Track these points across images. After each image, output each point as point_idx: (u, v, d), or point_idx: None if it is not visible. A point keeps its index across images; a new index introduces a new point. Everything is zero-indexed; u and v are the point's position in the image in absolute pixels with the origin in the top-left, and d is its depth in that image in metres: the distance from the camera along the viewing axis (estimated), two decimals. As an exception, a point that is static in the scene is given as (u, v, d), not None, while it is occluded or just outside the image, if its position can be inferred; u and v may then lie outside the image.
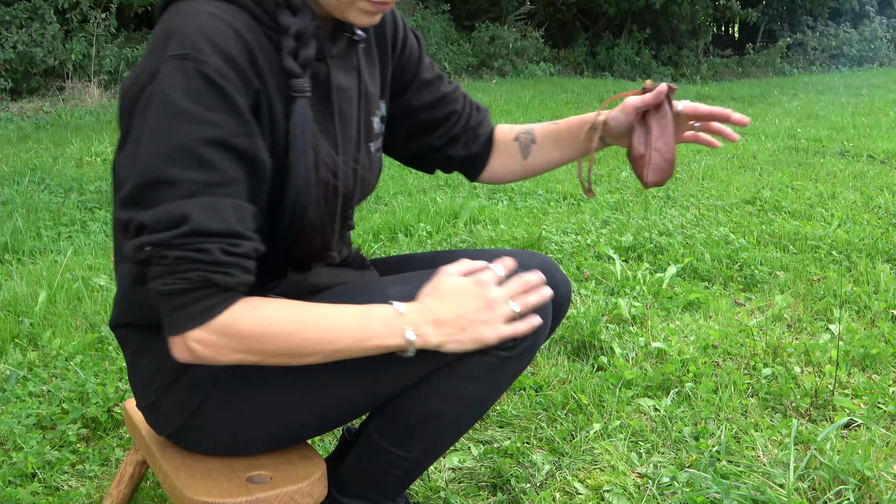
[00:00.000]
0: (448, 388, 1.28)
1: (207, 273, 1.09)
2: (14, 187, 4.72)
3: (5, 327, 2.62)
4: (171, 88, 1.09)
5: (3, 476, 1.84)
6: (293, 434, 1.39)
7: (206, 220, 1.08)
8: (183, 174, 1.08)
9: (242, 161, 1.14)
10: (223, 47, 1.11)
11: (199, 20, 1.12)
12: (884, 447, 1.97)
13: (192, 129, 1.09)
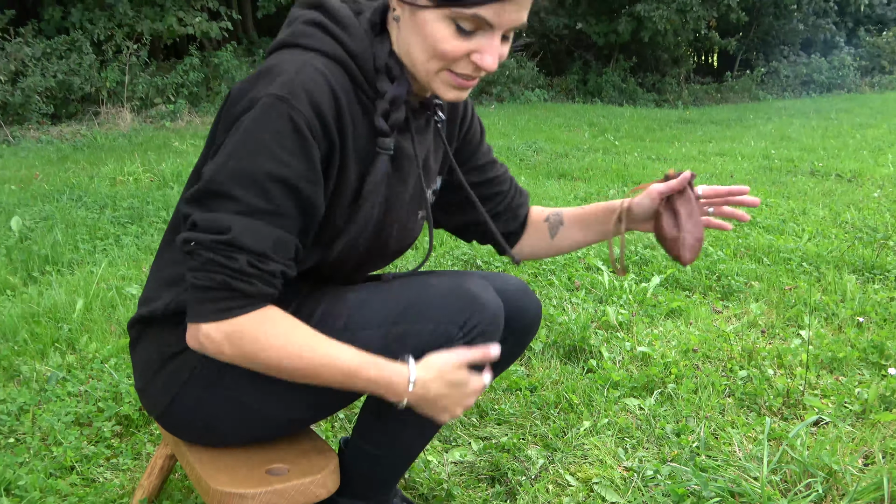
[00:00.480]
0: None
1: (229, 278, 1.13)
2: (54, 204, 4.74)
3: (46, 332, 2.63)
4: (262, 121, 1.14)
5: (44, 469, 1.85)
6: (269, 430, 1.39)
7: (244, 237, 1.13)
8: (243, 195, 1.14)
9: (299, 201, 1.18)
10: (317, 102, 1.16)
11: (305, 70, 1.17)
12: (850, 443, 1.97)
13: (264, 162, 1.14)
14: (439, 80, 1.22)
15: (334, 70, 1.20)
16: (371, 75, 1.24)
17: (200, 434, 1.38)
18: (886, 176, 5.72)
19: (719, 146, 7.83)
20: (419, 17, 1.18)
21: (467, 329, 1.24)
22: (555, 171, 6.22)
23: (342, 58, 1.22)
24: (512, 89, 14.30)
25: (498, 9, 1.14)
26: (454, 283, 1.29)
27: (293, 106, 1.14)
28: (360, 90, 1.24)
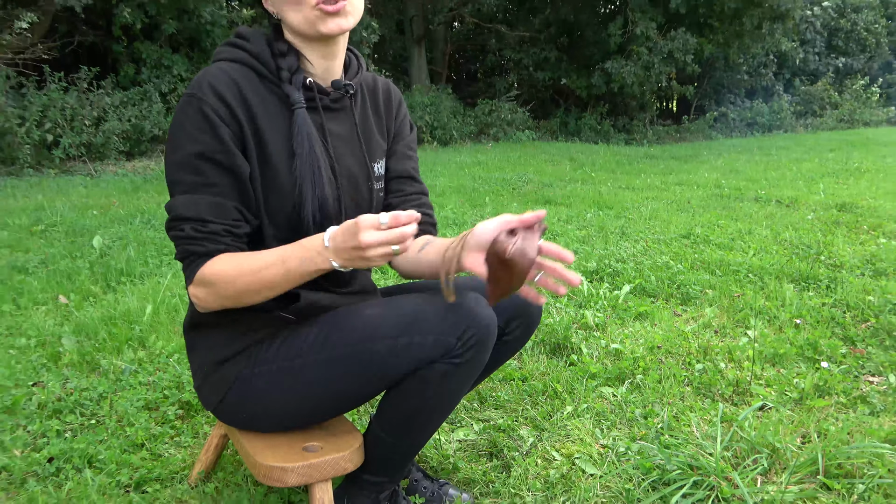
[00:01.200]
0: (421, 390, 1.28)
1: (186, 245, 1.23)
2: (128, 226, 4.76)
3: (121, 332, 2.64)
4: (180, 116, 1.24)
5: (119, 445, 1.85)
6: (298, 422, 1.39)
7: (184, 209, 1.23)
8: (181, 177, 1.24)
9: (223, 170, 1.24)
10: (220, 92, 1.24)
11: (210, 72, 1.27)
12: (790, 425, 1.97)
13: (186, 145, 1.23)
14: (315, 19, 1.26)
15: (237, 68, 1.30)
16: (271, 66, 1.31)
17: (246, 424, 1.39)
18: (818, 202, 5.71)
19: (678, 177, 7.83)
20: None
21: (464, 339, 1.22)
22: (541, 198, 6.23)
23: (244, 58, 1.31)
24: (506, 130, 14.33)
25: None
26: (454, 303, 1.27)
27: (200, 98, 1.23)
28: (264, 78, 1.31)
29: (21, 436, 1.91)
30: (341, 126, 1.38)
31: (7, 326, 2.80)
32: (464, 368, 1.26)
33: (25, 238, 4.42)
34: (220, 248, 1.23)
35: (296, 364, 1.29)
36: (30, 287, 3.29)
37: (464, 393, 1.34)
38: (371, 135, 1.44)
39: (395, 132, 1.51)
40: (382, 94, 1.49)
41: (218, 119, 1.22)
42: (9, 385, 2.22)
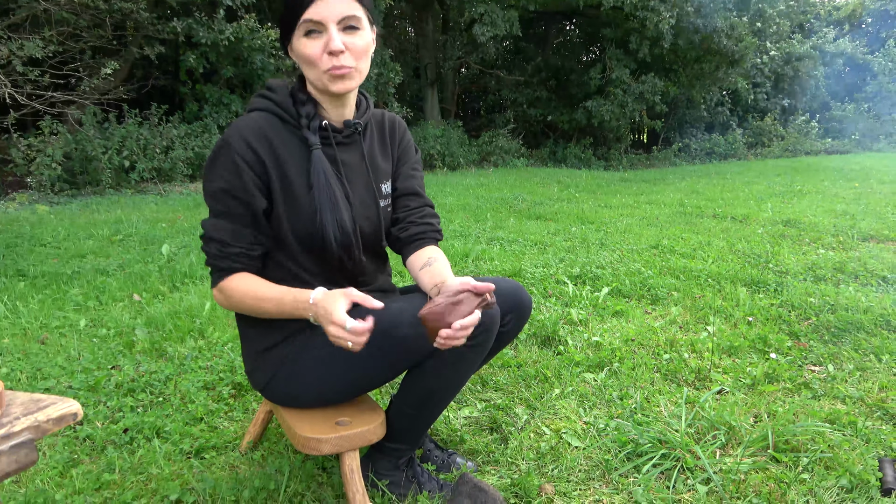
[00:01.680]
0: (438, 370, 1.29)
1: (211, 259, 1.29)
2: (190, 237, 4.78)
3: (185, 325, 2.65)
4: (216, 155, 1.27)
5: (182, 419, 1.86)
6: (335, 398, 1.39)
7: (212, 232, 1.28)
8: (212, 205, 1.29)
9: (242, 204, 1.27)
10: (248, 139, 1.26)
11: (242, 121, 1.29)
12: (744, 406, 1.95)
13: (216, 182, 1.27)
14: (327, 80, 1.26)
15: (265, 116, 1.31)
16: (293, 113, 1.32)
17: (288, 402, 1.39)
18: (767, 218, 5.67)
19: (648, 197, 7.80)
20: (294, 50, 1.28)
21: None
22: (534, 215, 6.22)
23: (271, 107, 1.32)
24: (504, 158, 14.33)
25: (314, 10, 1.21)
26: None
27: (231, 145, 1.25)
28: (287, 123, 1.32)
29: (102, 410, 1.92)
30: (352, 157, 1.38)
31: (91, 319, 2.81)
32: (473, 350, 1.27)
33: (107, 246, 4.44)
34: (237, 266, 1.29)
35: (330, 350, 1.28)
36: (110, 287, 3.30)
37: (472, 373, 1.35)
38: (377, 161, 1.43)
39: (398, 155, 1.49)
40: (388, 125, 1.48)
41: (244, 164, 1.25)
42: (92, 368, 2.23)
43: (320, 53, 1.22)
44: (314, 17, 1.20)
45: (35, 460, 0.74)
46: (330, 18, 1.20)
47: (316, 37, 1.22)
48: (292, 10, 1.22)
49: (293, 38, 1.25)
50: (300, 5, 1.21)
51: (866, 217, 5.54)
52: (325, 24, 1.21)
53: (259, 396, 2.01)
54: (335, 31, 1.21)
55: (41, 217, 5.82)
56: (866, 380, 2.14)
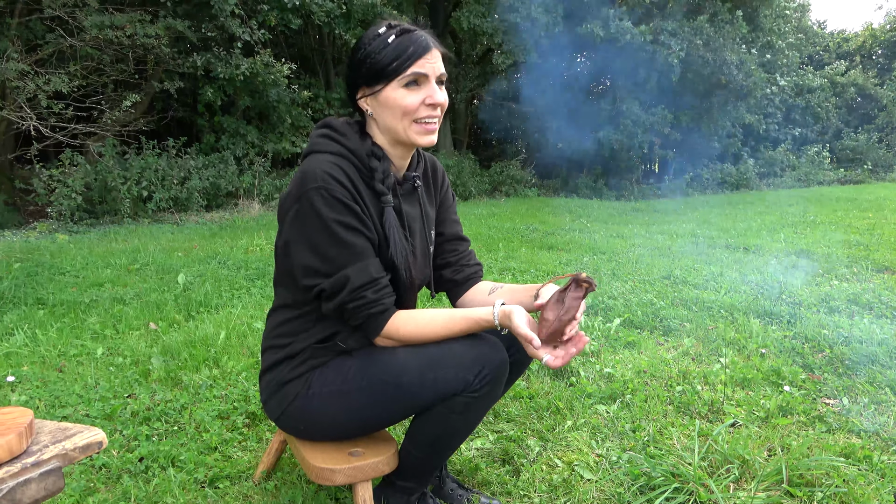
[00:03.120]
0: (446, 417, 1.30)
1: (368, 311, 1.26)
2: (206, 266, 4.84)
3: (200, 353, 2.67)
4: (314, 206, 1.22)
5: (197, 448, 1.87)
6: (346, 434, 1.40)
7: (359, 279, 1.24)
8: (337, 254, 1.24)
9: (364, 237, 1.26)
10: (338, 179, 1.24)
11: (324, 166, 1.26)
12: (757, 440, 1.93)
13: (332, 226, 1.22)
14: (413, 132, 1.29)
15: (341, 161, 1.29)
16: (365, 161, 1.32)
17: (301, 434, 1.40)
18: (779, 249, 5.65)
19: (660, 228, 7.80)
20: (382, 98, 1.28)
21: (481, 376, 1.25)
22: (545, 245, 6.23)
23: (344, 153, 1.31)
24: (516, 188, 14.42)
25: (423, 62, 1.25)
26: (471, 341, 1.30)
27: (326, 188, 1.22)
28: (360, 171, 1.31)
29: (117, 439, 1.94)
30: (413, 209, 1.43)
31: (108, 347, 2.84)
32: (481, 401, 1.28)
33: (124, 275, 4.51)
34: (392, 299, 1.30)
35: (342, 389, 1.31)
36: (127, 315, 3.35)
37: (479, 420, 1.36)
38: (427, 209, 1.49)
39: (441, 200, 1.56)
40: (430, 170, 1.53)
41: (349, 200, 1.25)
42: (109, 396, 2.26)
43: (418, 104, 1.26)
44: (422, 70, 1.25)
45: (62, 487, 0.77)
46: (433, 73, 1.26)
47: (415, 88, 1.26)
48: (397, 62, 1.25)
49: (385, 88, 1.26)
50: (409, 58, 1.25)
51: (880, 248, 5.50)
52: (429, 77, 1.26)
53: (273, 426, 2.02)
54: (436, 85, 1.27)
55: (61, 246, 5.92)
56: (881, 413, 2.12)
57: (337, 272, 1.24)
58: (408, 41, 1.25)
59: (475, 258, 1.60)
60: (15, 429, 0.76)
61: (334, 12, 9.63)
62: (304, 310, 1.36)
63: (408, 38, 1.26)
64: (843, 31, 27.55)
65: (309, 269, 1.25)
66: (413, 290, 1.40)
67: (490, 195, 13.90)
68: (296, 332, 1.37)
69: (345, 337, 1.35)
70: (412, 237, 1.40)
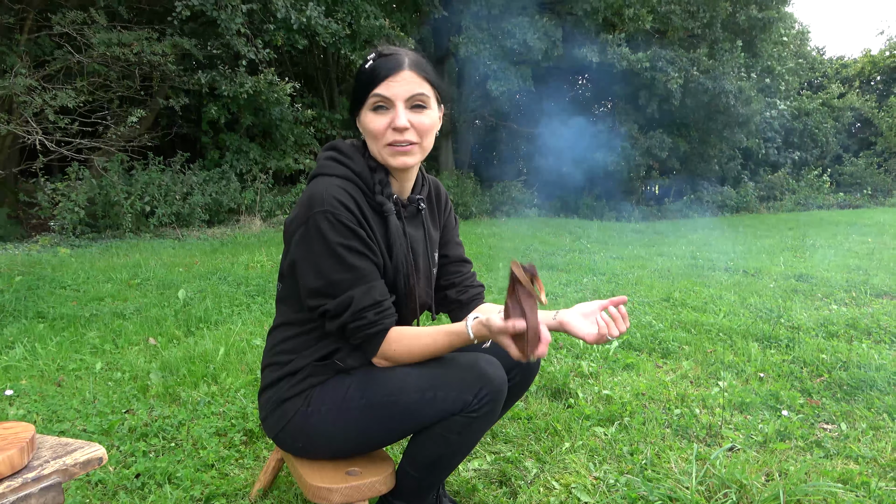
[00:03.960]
0: (444, 437, 1.30)
1: (368, 330, 1.27)
2: (207, 281, 4.85)
3: (198, 369, 2.68)
4: (321, 229, 1.23)
5: (194, 465, 1.87)
6: (344, 453, 1.40)
7: (363, 300, 1.26)
8: (341, 278, 1.25)
9: (369, 260, 1.28)
10: (344, 203, 1.26)
11: (331, 189, 1.27)
12: (755, 465, 1.93)
13: (337, 250, 1.24)
14: (386, 154, 1.31)
15: (347, 184, 1.30)
16: (369, 182, 1.34)
17: (299, 452, 1.40)
18: (779, 272, 5.66)
19: (660, 249, 7.82)
20: (361, 122, 1.32)
21: (479, 397, 1.25)
22: (546, 265, 6.25)
23: (351, 176, 1.32)
24: (516, 208, 14.49)
25: (384, 87, 1.26)
26: (471, 361, 1.30)
27: (333, 212, 1.24)
28: (364, 193, 1.33)
29: (114, 454, 1.93)
30: (417, 231, 1.45)
31: (107, 362, 2.85)
32: (479, 421, 1.28)
33: (125, 290, 4.52)
34: (392, 320, 1.31)
35: (341, 407, 1.32)
36: (126, 330, 3.35)
37: (478, 440, 1.36)
38: (431, 231, 1.51)
39: (444, 223, 1.58)
40: (434, 193, 1.55)
41: (355, 224, 1.26)
42: (107, 411, 2.25)
43: (384, 128, 1.28)
44: (384, 93, 1.26)
45: (62, 503, 0.77)
46: (399, 96, 1.26)
47: (383, 112, 1.28)
48: (363, 85, 1.28)
49: (361, 111, 1.30)
50: (371, 81, 1.27)
51: (879, 273, 5.51)
52: (393, 100, 1.26)
53: (270, 444, 2.02)
54: (402, 108, 1.27)
55: (62, 259, 5.94)
56: (879, 439, 2.11)
57: (341, 294, 1.25)
58: (379, 64, 1.28)
59: (477, 280, 1.62)
60: (17, 444, 0.77)
61: (340, 33, 9.75)
62: (306, 327, 1.37)
63: (381, 62, 1.28)
64: (841, 58, 27.81)
65: (314, 291, 1.27)
66: (414, 306, 1.41)
67: (491, 215, 13.94)
68: (297, 349, 1.38)
69: (344, 356, 1.36)
70: (415, 259, 1.41)
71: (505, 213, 14.17)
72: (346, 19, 10.11)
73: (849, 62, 27.11)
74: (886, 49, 25.82)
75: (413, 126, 1.28)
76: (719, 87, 14.28)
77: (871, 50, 26.84)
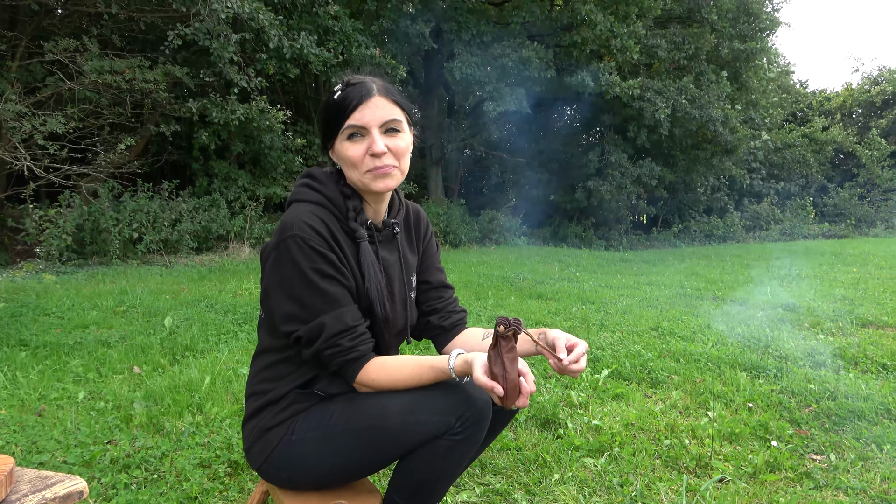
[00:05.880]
0: (429, 461, 1.28)
1: (344, 358, 1.27)
2: (193, 309, 4.81)
3: (183, 399, 2.64)
4: (291, 254, 1.25)
5: (177, 498, 1.83)
6: (329, 482, 1.38)
7: (334, 327, 1.26)
8: (313, 303, 1.25)
9: (340, 284, 1.28)
10: (315, 228, 1.27)
11: (302, 215, 1.29)
12: (745, 496, 1.92)
13: (311, 274, 1.25)
14: (367, 179, 1.32)
15: (320, 210, 1.32)
16: (342, 208, 1.35)
17: (284, 483, 1.38)
18: (766, 301, 5.70)
19: (648, 278, 7.86)
20: (337, 152, 1.34)
21: (462, 420, 1.24)
22: (534, 294, 6.26)
23: (323, 202, 1.34)
24: (505, 236, 14.55)
25: (358, 115, 1.28)
26: (454, 384, 1.29)
27: (303, 237, 1.25)
28: (338, 218, 1.34)
29: (95, 487, 1.89)
30: (391, 255, 1.45)
31: (90, 391, 2.80)
32: (463, 444, 1.27)
33: (110, 317, 4.46)
34: (369, 346, 1.31)
35: (325, 434, 1.30)
36: (110, 358, 3.30)
37: (466, 464, 1.34)
38: (407, 255, 1.51)
39: (424, 248, 1.58)
40: (413, 219, 1.56)
41: (325, 249, 1.27)
42: (88, 442, 2.21)
43: (362, 155, 1.29)
44: (357, 122, 1.28)
45: (40, 538, 0.75)
46: (372, 123, 1.29)
47: (358, 140, 1.30)
48: (335, 116, 1.30)
49: (335, 142, 1.32)
50: (343, 111, 1.29)
51: (865, 302, 5.57)
52: (367, 128, 1.29)
53: (255, 476, 1.98)
54: (377, 133, 1.29)
55: (47, 286, 5.87)
56: (868, 470, 2.11)
57: (313, 319, 1.25)
58: (349, 94, 1.30)
59: (459, 305, 1.61)
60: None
61: (331, 62, 9.87)
62: (286, 354, 1.36)
63: (350, 91, 1.31)
64: (824, 91, 28.48)
65: (286, 316, 1.28)
66: (391, 332, 1.40)
67: (480, 243, 13.98)
68: (279, 376, 1.37)
69: (325, 385, 1.35)
70: (390, 283, 1.41)
71: (494, 241, 14.22)
72: (338, 48, 10.25)
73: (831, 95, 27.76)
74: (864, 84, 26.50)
75: (390, 150, 1.31)
76: (706, 115, 14.55)
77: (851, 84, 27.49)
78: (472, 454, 1.34)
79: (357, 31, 10.67)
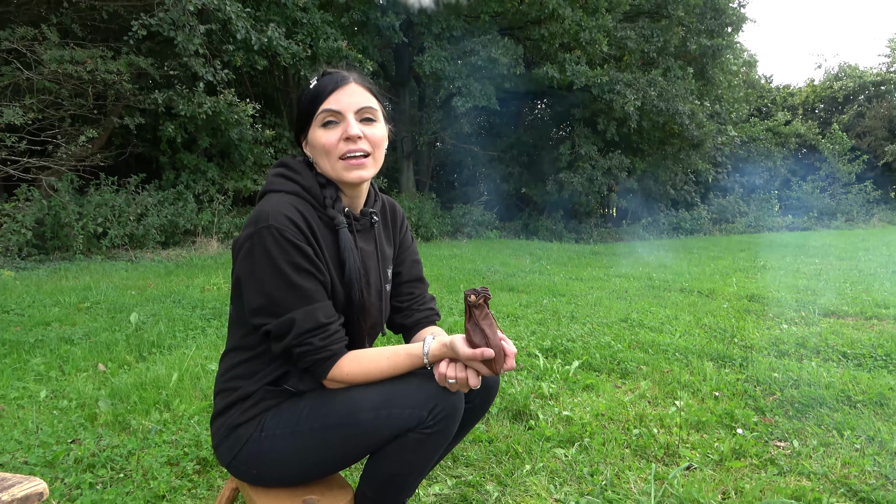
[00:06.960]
0: (399, 455, 1.27)
1: (314, 356, 1.24)
2: (160, 305, 4.71)
3: (150, 396, 2.58)
4: (266, 246, 1.21)
5: (143, 497, 1.79)
6: (299, 478, 1.36)
7: (305, 323, 1.23)
8: (284, 298, 1.22)
9: (315, 279, 1.25)
10: (292, 219, 1.24)
11: (279, 205, 1.25)
12: (712, 483, 1.95)
13: (282, 267, 1.21)
14: (340, 169, 1.30)
15: (297, 200, 1.29)
16: (318, 197, 1.33)
17: (254, 479, 1.36)
18: (732, 293, 5.82)
19: (618, 271, 7.95)
20: (311, 141, 1.32)
21: (434, 413, 1.24)
22: (506, 286, 6.29)
23: (300, 192, 1.32)
24: (477, 229, 14.60)
25: (333, 100, 1.27)
26: (426, 377, 1.28)
27: (279, 228, 1.22)
28: (314, 207, 1.32)
29: (58, 487, 1.84)
30: (368, 245, 1.43)
31: (52, 390, 2.73)
32: (434, 438, 1.26)
33: (73, 313, 4.35)
34: (341, 344, 1.27)
35: (295, 430, 1.28)
36: (74, 356, 3.22)
37: (437, 458, 1.33)
38: (384, 247, 1.49)
39: (399, 241, 1.57)
40: (389, 213, 1.55)
41: (301, 241, 1.24)
42: (51, 442, 2.15)
43: (336, 142, 1.28)
44: (333, 106, 1.26)
45: (-3, 542, 0.73)
46: (348, 108, 1.27)
47: (333, 126, 1.28)
48: (310, 103, 1.28)
49: (310, 131, 1.30)
50: (319, 96, 1.27)
51: (826, 293, 5.72)
52: (343, 113, 1.27)
53: (225, 473, 1.95)
54: (353, 118, 1.28)
55: (5, 283, 5.69)
56: (830, 456, 2.18)
57: (284, 314, 1.22)
58: (325, 81, 1.30)
59: (430, 303, 1.57)
60: (-51, 479, 0.73)
61: (300, 55, 9.74)
62: (257, 350, 1.34)
63: (326, 79, 1.30)
64: (788, 86, 29.13)
65: (257, 309, 1.24)
66: (367, 323, 1.38)
67: (452, 236, 13.99)
68: (249, 373, 1.35)
69: (295, 382, 1.34)
70: (367, 274, 1.40)
71: (466, 234, 14.24)
72: (307, 41, 10.12)
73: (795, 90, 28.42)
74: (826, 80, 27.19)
75: (365, 137, 1.29)
76: (673, 108, 14.76)
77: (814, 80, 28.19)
78: (443, 448, 1.34)
79: (326, 23, 10.55)
